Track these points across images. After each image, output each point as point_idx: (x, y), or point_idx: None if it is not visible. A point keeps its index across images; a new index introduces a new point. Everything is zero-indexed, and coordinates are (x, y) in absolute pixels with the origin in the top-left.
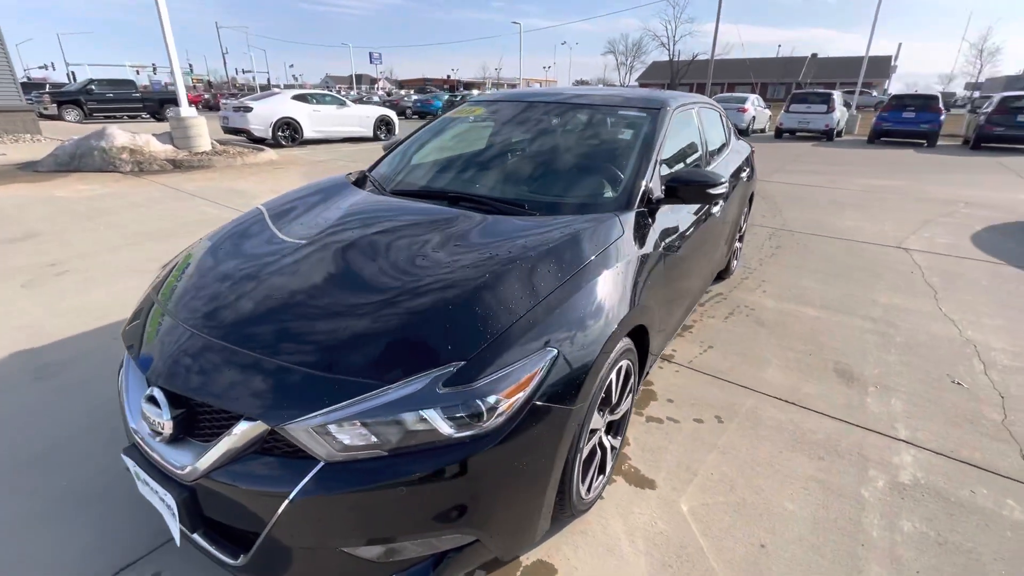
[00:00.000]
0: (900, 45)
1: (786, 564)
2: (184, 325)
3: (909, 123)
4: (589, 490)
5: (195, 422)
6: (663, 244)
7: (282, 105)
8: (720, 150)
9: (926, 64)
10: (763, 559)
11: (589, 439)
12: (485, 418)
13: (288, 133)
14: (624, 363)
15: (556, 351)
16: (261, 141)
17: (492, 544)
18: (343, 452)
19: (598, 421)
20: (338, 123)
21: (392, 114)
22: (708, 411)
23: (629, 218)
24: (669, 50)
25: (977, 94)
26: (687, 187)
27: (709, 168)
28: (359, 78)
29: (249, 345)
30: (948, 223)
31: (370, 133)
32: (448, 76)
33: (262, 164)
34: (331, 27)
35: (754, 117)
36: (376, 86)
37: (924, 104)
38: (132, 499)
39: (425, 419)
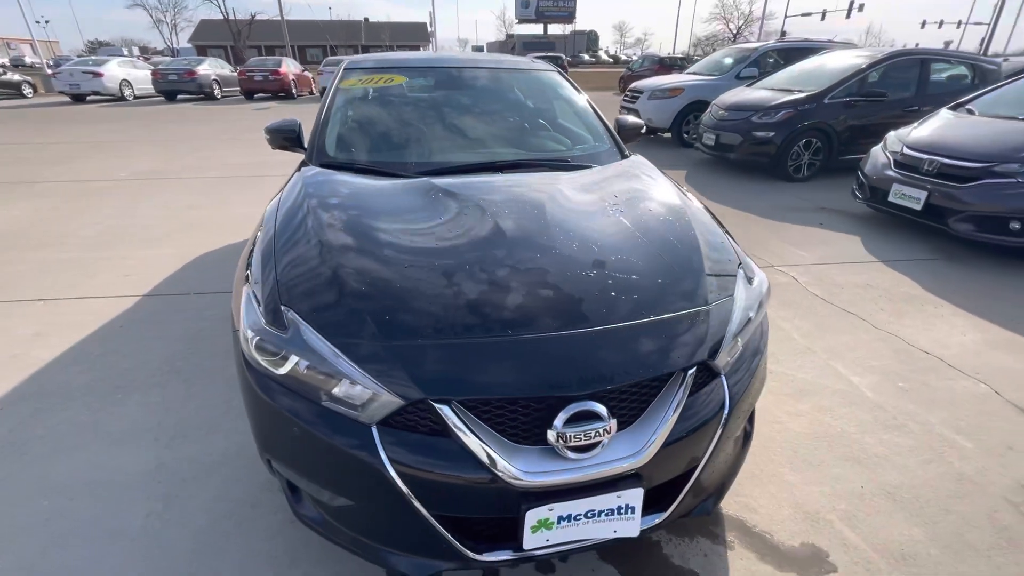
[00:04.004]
0: (432, 13)
1: (825, 343)
2: (516, 336)
3: None
4: None
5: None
6: None
7: None
8: None
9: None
10: (809, 354)
11: None
12: (764, 302)
13: None
14: None
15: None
16: None
17: None
18: (730, 361)
19: None
20: None
21: None
22: None
23: None
24: (222, 8)
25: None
26: (632, 130)
27: None
28: None
29: (609, 320)
30: None
31: None
32: None
33: None
34: None
35: None
36: None
37: None
38: None
39: (751, 316)
